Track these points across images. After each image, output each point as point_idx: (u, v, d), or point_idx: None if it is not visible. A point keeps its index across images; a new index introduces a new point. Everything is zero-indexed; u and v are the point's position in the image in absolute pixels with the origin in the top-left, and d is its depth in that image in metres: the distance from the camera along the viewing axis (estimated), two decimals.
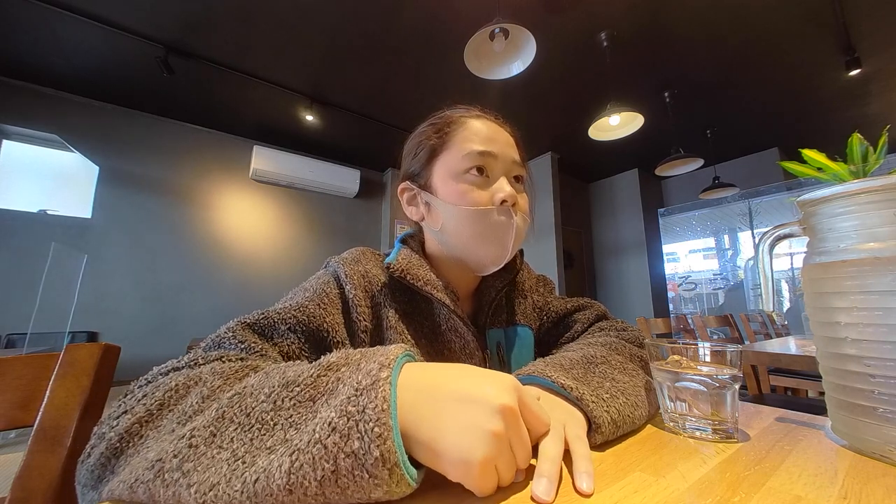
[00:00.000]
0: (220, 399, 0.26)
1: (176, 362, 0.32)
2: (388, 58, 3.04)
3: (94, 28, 2.66)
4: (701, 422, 0.38)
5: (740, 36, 2.79)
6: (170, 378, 0.29)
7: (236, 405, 0.25)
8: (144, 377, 0.31)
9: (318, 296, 0.44)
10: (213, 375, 0.29)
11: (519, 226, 0.50)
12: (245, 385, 0.27)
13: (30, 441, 0.35)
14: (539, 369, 0.38)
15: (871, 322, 0.33)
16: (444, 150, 0.51)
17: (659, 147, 4.11)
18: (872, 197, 0.33)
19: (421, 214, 0.54)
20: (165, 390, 0.28)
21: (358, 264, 0.50)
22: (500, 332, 0.56)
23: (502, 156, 0.51)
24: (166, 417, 0.26)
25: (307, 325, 0.40)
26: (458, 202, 0.49)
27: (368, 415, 0.21)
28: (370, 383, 0.23)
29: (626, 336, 0.52)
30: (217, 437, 0.23)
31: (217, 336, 0.36)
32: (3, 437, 2.16)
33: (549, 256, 4.67)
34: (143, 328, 3.62)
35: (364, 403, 0.22)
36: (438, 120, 0.54)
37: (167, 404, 0.27)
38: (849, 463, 0.32)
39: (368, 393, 0.22)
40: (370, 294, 0.48)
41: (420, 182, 0.54)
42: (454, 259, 0.53)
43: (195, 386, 0.28)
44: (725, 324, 1.97)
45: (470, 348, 0.50)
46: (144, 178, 3.79)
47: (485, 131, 0.51)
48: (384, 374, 0.23)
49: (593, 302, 0.62)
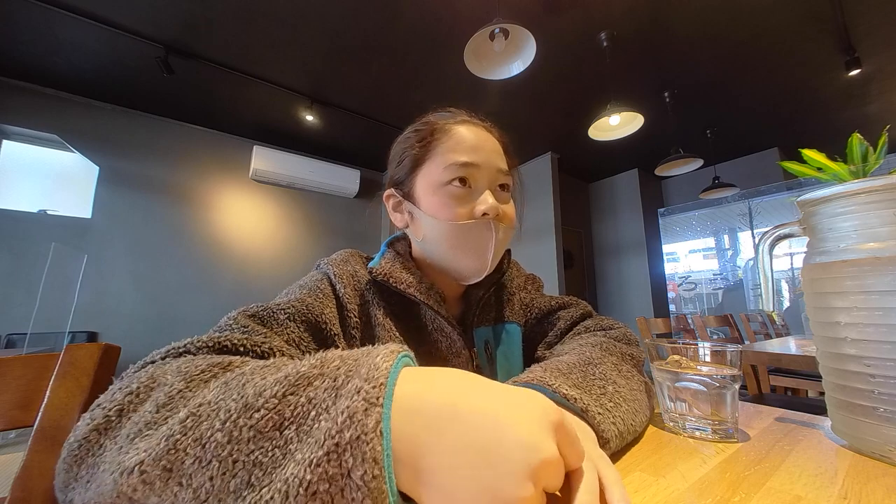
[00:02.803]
0: (172, 419, 0.22)
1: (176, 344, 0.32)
2: (388, 58, 3.04)
3: (94, 28, 2.66)
4: (701, 422, 0.38)
5: (740, 36, 2.79)
6: (139, 375, 0.27)
7: (190, 432, 0.20)
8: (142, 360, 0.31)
9: (314, 291, 0.46)
10: (177, 376, 0.25)
11: (500, 238, 0.50)
12: (201, 402, 0.22)
13: (30, 441, 0.35)
14: (538, 377, 0.36)
15: (871, 322, 0.33)
16: (427, 160, 0.50)
17: (659, 147, 4.11)
18: (872, 197, 0.33)
19: (405, 222, 0.55)
20: (126, 393, 0.25)
21: (347, 265, 0.51)
22: (489, 330, 0.57)
23: (486, 165, 0.50)
24: (124, 427, 0.23)
25: (306, 315, 0.42)
26: (438, 215, 0.48)
27: (355, 482, 0.17)
28: (355, 438, 0.18)
29: (615, 335, 0.52)
30: (174, 473, 0.19)
31: (219, 327, 0.36)
32: (3, 437, 2.16)
33: (549, 256, 4.67)
34: (143, 328, 3.62)
35: (348, 466, 0.17)
36: (423, 127, 0.53)
37: (126, 410, 0.24)
38: (849, 463, 0.32)
39: (353, 449, 0.17)
40: (359, 293, 0.49)
41: (404, 190, 0.53)
42: (438, 267, 0.53)
43: (155, 389, 0.25)
44: (725, 324, 1.97)
45: (456, 347, 0.51)
46: (144, 178, 3.79)
47: (469, 139, 0.50)
48: (371, 420, 0.18)
49: (578, 300, 0.62)
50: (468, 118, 0.53)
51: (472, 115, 0.54)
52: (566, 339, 0.55)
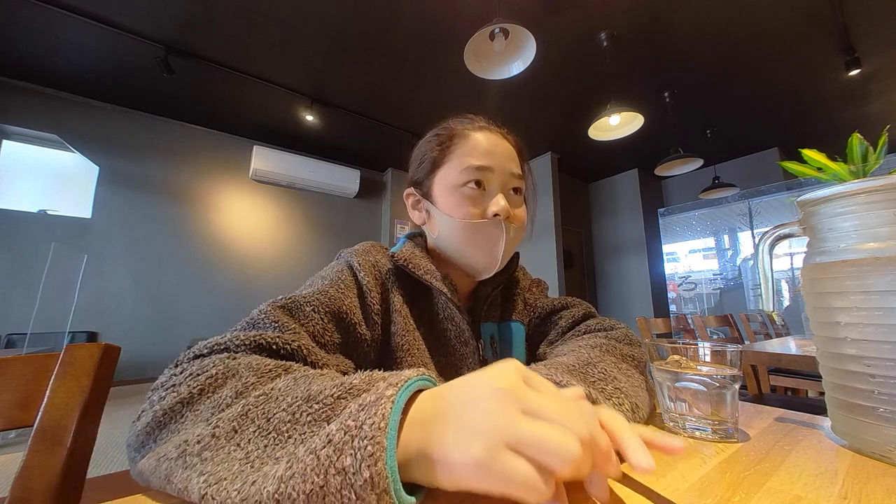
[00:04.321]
0: (248, 396, 0.28)
1: (220, 339, 0.35)
2: (388, 58, 3.04)
3: (95, 28, 2.67)
4: (701, 422, 0.38)
5: (740, 36, 2.79)
6: (212, 363, 0.31)
7: (261, 405, 0.26)
8: (192, 351, 0.34)
9: (335, 282, 0.49)
10: (249, 371, 0.30)
11: (510, 238, 0.53)
12: (273, 387, 0.28)
13: (30, 441, 0.35)
14: (542, 373, 0.37)
15: (871, 322, 0.33)
16: (445, 162, 0.54)
17: (659, 147, 4.11)
18: (872, 197, 0.33)
19: (423, 219, 0.59)
20: (207, 377, 0.30)
21: (368, 255, 0.55)
22: (494, 327, 0.59)
23: (500, 169, 0.53)
24: (203, 403, 0.28)
25: (329, 307, 0.45)
26: (453, 214, 0.52)
27: (364, 431, 0.20)
28: (374, 400, 0.22)
29: (615, 335, 0.52)
30: (237, 434, 0.25)
31: (251, 319, 0.39)
32: (3, 437, 2.16)
33: (549, 256, 4.67)
34: (143, 328, 3.62)
35: (363, 419, 0.21)
36: (443, 132, 0.57)
37: (206, 391, 0.29)
38: (849, 463, 0.32)
39: (369, 409, 0.22)
40: (380, 281, 0.53)
41: (423, 190, 0.57)
42: (451, 262, 0.57)
43: (231, 378, 0.30)
44: (725, 324, 1.97)
45: (465, 336, 0.53)
46: (144, 178, 3.80)
47: (485, 144, 0.53)
48: (389, 392, 0.23)
49: (581, 301, 0.63)
50: (486, 124, 0.57)
51: (489, 121, 0.58)
52: (567, 338, 0.56)
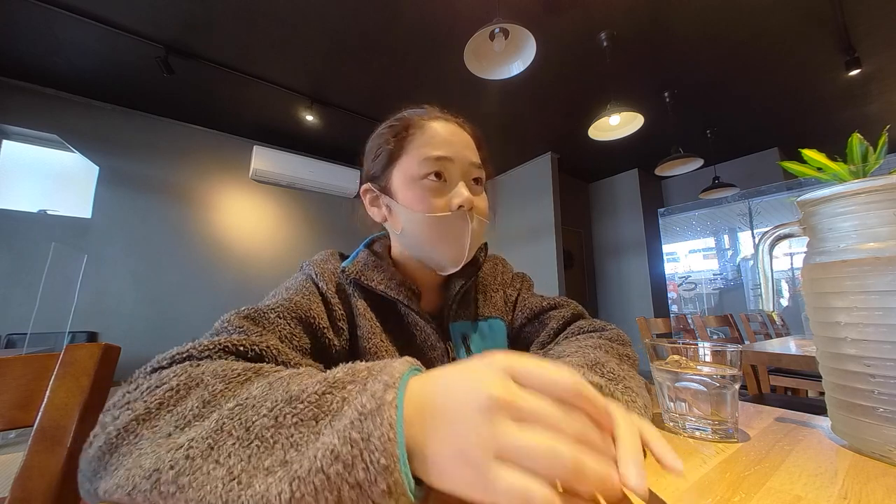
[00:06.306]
0: (220, 408, 0.25)
1: (179, 349, 0.32)
2: (388, 58, 3.04)
3: (95, 28, 2.66)
4: (701, 422, 0.38)
5: (740, 36, 2.79)
6: (172, 373, 0.29)
7: (236, 417, 0.24)
8: (150, 364, 0.31)
9: (300, 290, 0.48)
10: (215, 378, 0.28)
11: (475, 229, 0.52)
12: (247, 395, 0.26)
13: (30, 441, 0.35)
14: None
15: (871, 322, 0.33)
16: (403, 154, 0.52)
17: (659, 147, 4.11)
18: (872, 197, 0.33)
19: (383, 216, 0.56)
20: (166, 389, 0.27)
21: (327, 263, 0.54)
22: (468, 325, 0.58)
23: (459, 159, 0.51)
24: (163, 418, 0.26)
25: (295, 312, 0.44)
26: (415, 207, 0.50)
27: (374, 444, 0.20)
28: (375, 407, 0.21)
29: (609, 335, 0.52)
30: (214, 450, 0.23)
31: (214, 329, 0.38)
32: (3, 437, 2.16)
33: (549, 256, 4.67)
34: (143, 328, 3.62)
35: (369, 430, 0.20)
36: (397, 123, 0.54)
37: (166, 404, 0.27)
38: (849, 463, 0.32)
39: (374, 418, 0.21)
40: (341, 288, 0.52)
41: (381, 185, 0.55)
42: (416, 259, 0.55)
43: (196, 388, 0.27)
44: (725, 324, 1.97)
45: (431, 340, 0.53)
46: (144, 178, 3.79)
47: (442, 134, 0.52)
48: (389, 395, 0.22)
49: (570, 301, 0.62)
50: (441, 114, 0.55)
51: (444, 111, 0.56)
52: (560, 340, 0.55)
